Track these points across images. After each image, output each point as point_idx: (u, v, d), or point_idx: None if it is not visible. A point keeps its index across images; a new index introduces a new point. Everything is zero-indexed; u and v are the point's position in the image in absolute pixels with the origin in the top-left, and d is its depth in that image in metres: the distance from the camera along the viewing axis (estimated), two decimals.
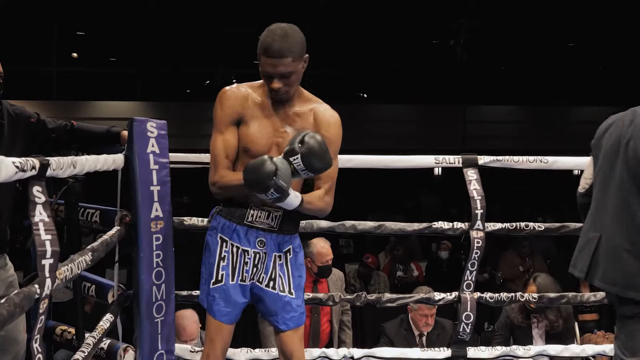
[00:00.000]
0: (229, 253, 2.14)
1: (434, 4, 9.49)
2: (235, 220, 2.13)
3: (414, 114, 11.49)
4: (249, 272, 2.15)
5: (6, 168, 1.34)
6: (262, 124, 2.10)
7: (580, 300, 2.87)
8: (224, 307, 2.15)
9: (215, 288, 2.15)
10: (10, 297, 1.43)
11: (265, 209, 2.13)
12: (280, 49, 2.01)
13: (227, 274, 2.14)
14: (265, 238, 2.14)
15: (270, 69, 2.03)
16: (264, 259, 2.16)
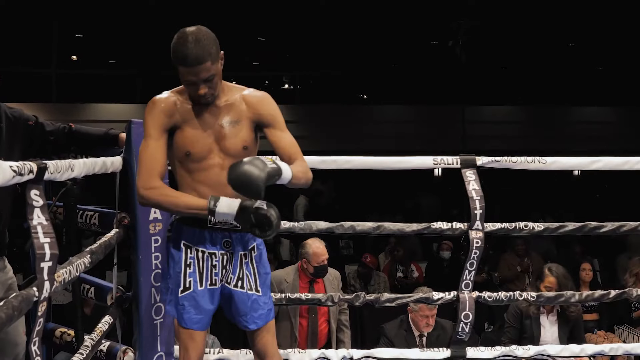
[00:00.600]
0: (194, 259, 2.11)
1: (433, 4, 9.50)
2: (198, 225, 2.11)
3: (413, 114, 11.49)
4: (219, 275, 2.13)
5: (3, 172, 1.34)
6: (197, 125, 2.09)
7: (579, 299, 2.87)
8: (194, 314, 2.12)
9: (184, 296, 2.12)
10: (9, 300, 1.43)
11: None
12: (196, 57, 2.00)
13: (194, 280, 2.11)
14: (230, 238, 2.13)
15: (193, 77, 2.02)
16: (231, 260, 2.14)
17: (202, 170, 2.09)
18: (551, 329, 3.71)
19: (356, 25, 10.29)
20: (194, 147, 2.08)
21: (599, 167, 2.76)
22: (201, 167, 2.09)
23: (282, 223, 2.65)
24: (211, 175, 2.09)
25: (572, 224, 2.76)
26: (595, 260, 6.63)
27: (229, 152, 2.10)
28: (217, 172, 2.09)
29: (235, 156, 2.08)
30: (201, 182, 2.10)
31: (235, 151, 2.10)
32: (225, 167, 2.07)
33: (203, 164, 2.09)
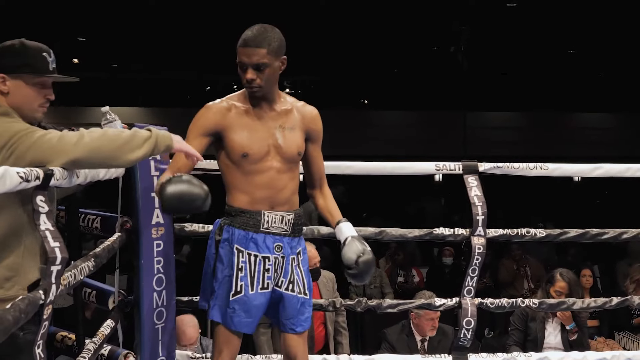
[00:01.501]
0: (246, 263, 2.14)
1: (434, 10, 9.51)
2: (251, 228, 2.14)
3: (414, 119, 11.51)
4: (272, 278, 2.16)
5: (10, 178, 1.35)
6: (253, 128, 2.13)
7: (581, 306, 2.87)
8: (245, 317, 2.14)
9: (236, 300, 2.14)
10: (16, 303, 1.44)
11: (278, 214, 2.16)
12: (254, 39, 2.07)
13: (246, 284, 2.14)
14: (281, 242, 2.17)
15: (246, 59, 2.07)
16: (282, 263, 2.17)
17: (259, 173, 2.13)
18: (555, 333, 3.71)
19: (358, 30, 10.31)
20: (252, 149, 2.12)
21: (600, 174, 2.77)
22: (258, 169, 2.13)
23: None
24: (268, 178, 2.14)
25: (573, 231, 2.77)
26: (596, 266, 6.63)
27: (285, 156, 2.15)
28: (273, 176, 2.14)
29: (291, 161, 2.16)
30: (257, 185, 2.14)
31: (291, 155, 2.17)
32: (281, 171, 2.15)
33: (260, 165, 2.13)
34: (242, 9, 8.29)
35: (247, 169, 2.13)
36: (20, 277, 1.70)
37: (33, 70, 1.79)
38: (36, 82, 1.79)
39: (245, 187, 2.14)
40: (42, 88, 1.81)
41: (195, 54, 10.39)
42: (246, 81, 2.10)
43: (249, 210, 2.14)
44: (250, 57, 2.07)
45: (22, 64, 1.77)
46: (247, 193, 2.14)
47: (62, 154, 1.66)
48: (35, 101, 1.81)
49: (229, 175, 2.17)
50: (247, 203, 2.14)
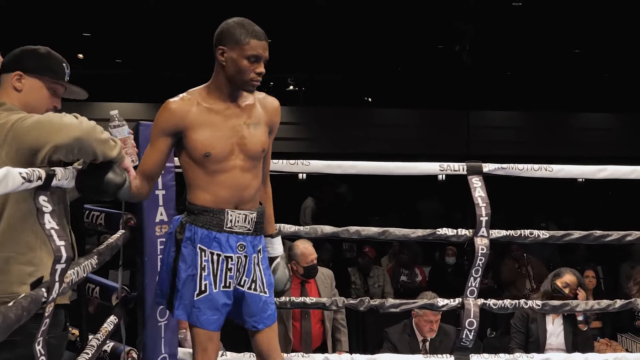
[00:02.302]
0: (208, 262, 2.10)
1: (439, 9, 9.49)
2: (214, 227, 2.10)
3: (418, 118, 11.49)
4: (234, 277, 2.14)
5: (13, 179, 1.35)
6: (216, 127, 2.09)
7: (584, 308, 2.87)
8: (211, 315, 2.12)
9: (201, 299, 2.11)
10: (18, 301, 1.44)
11: (242, 213, 2.12)
12: (264, 33, 2.07)
13: (209, 282, 2.11)
14: (244, 241, 2.14)
15: (262, 52, 2.06)
16: (245, 263, 2.15)
17: (223, 172, 2.10)
18: (557, 334, 3.70)
19: (362, 28, 10.29)
20: (214, 148, 2.07)
21: (605, 176, 2.76)
22: (222, 168, 2.09)
23: (288, 227, 2.67)
24: (232, 177, 2.10)
25: (577, 232, 2.76)
26: (599, 267, 6.62)
27: (250, 154, 2.12)
28: (237, 175, 2.11)
29: (255, 158, 2.13)
30: (220, 184, 2.10)
31: (256, 153, 2.13)
32: (245, 170, 2.11)
33: (224, 165, 2.09)
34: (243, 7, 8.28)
35: (210, 168, 2.09)
36: (40, 271, 1.72)
37: (52, 75, 1.89)
38: (52, 86, 1.89)
39: (208, 186, 2.10)
40: (54, 95, 1.91)
41: (198, 51, 10.39)
42: (256, 74, 2.07)
43: (213, 209, 2.09)
44: (265, 51, 2.07)
45: (43, 67, 1.88)
46: (210, 192, 2.10)
47: (65, 130, 1.68)
48: (45, 105, 1.88)
49: (191, 174, 2.12)
50: (211, 202, 2.10)
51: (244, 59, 2.05)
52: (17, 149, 1.69)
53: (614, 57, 10.70)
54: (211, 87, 2.12)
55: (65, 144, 1.67)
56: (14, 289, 1.70)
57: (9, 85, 1.85)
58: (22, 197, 1.70)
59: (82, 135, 1.70)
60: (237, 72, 2.06)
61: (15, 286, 1.72)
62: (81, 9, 9.23)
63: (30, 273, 1.73)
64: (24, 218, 1.73)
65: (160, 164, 2.13)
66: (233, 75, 2.07)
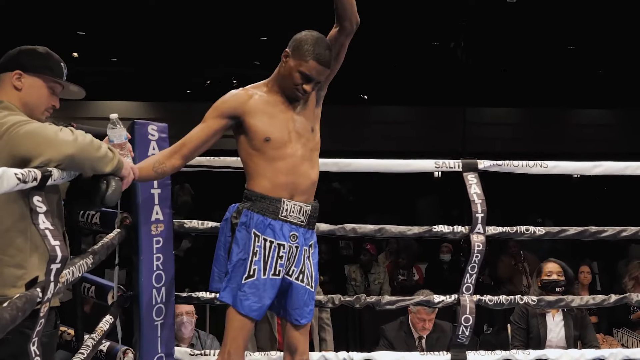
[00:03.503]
0: (260, 248, 2.17)
1: (434, 5, 9.49)
2: (270, 214, 2.17)
3: (414, 115, 11.49)
4: (284, 266, 2.19)
5: (8, 179, 1.35)
6: (273, 114, 2.20)
7: (579, 303, 2.88)
8: (254, 302, 2.16)
9: (247, 283, 2.16)
10: (13, 301, 1.44)
11: (297, 204, 2.19)
12: (329, 60, 2.18)
13: (259, 268, 2.16)
14: (297, 232, 2.20)
15: (316, 75, 2.17)
16: (296, 253, 2.21)
17: (282, 159, 2.18)
18: (557, 329, 3.68)
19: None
20: (273, 133, 2.17)
21: (600, 172, 2.77)
22: (281, 155, 2.18)
23: None
24: (290, 165, 2.18)
25: (573, 229, 2.77)
26: (594, 262, 6.63)
27: (304, 141, 2.21)
28: (296, 162, 2.19)
29: (311, 147, 2.23)
30: (279, 171, 2.18)
31: (309, 138, 2.23)
32: (304, 158, 2.20)
33: (283, 152, 2.18)
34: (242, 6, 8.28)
35: (269, 154, 2.17)
36: (30, 274, 1.72)
37: (51, 73, 1.91)
38: (51, 85, 1.91)
39: (268, 173, 2.18)
40: (52, 94, 1.93)
41: (195, 49, 10.37)
42: (303, 91, 2.18)
43: (270, 196, 2.17)
44: (320, 75, 2.18)
45: (43, 66, 1.90)
46: (269, 179, 2.18)
47: (58, 146, 1.69)
48: (44, 104, 1.90)
49: (251, 162, 2.21)
50: (268, 189, 2.18)
51: (298, 72, 2.16)
52: (8, 154, 1.69)
53: (609, 53, 10.71)
54: (271, 81, 2.25)
55: (56, 160, 1.68)
56: (4, 292, 1.71)
57: (8, 84, 1.86)
58: (12, 199, 1.70)
59: (75, 153, 1.71)
60: (286, 79, 2.18)
61: (5, 289, 1.73)
62: (75, 8, 9.20)
63: (20, 276, 1.74)
64: (14, 221, 1.74)
65: (203, 141, 2.20)
66: (282, 78, 2.20)
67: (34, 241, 1.75)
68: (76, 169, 1.75)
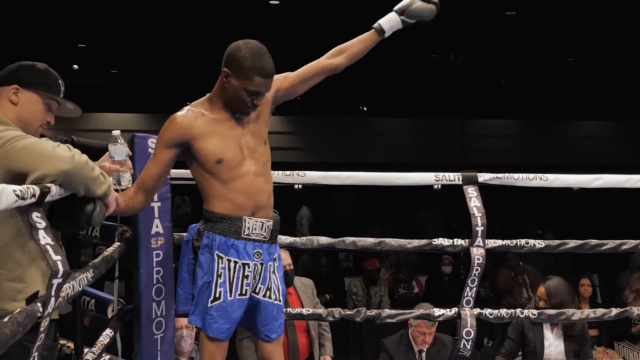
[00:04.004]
0: (225, 269, 2.13)
1: (433, 18, 9.53)
2: (232, 235, 2.13)
3: (413, 127, 11.51)
4: (250, 285, 2.16)
5: (7, 196, 1.35)
6: (224, 134, 2.14)
7: (580, 317, 2.87)
8: (223, 324, 2.15)
9: (214, 306, 2.14)
10: (14, 316, 1.43)
11: (259, 220, 2.15)
12: (272, 70, 2.11)
13: (225, 290, 2.13)
14: (260, 249, 2.17)
15: (263, 89, 2.11)
16: (261, 270, 2.18)
17: (237, 179, 2.13)
18: (556, 343, 3.65)
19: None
20: (225, 154, 2.12)
21: (600, 185, 2.77)
22: (235, 175, 2.13)
23: (284, 238, 2.66)
24: (246, 183, 2.14)
25: (572, 242, 2.77)
26: (595, 275, 6.62)
27: (257, 156, 2.16)
28: (251, 179, 2.15)
29: (263, 162, 2.17)
30: (236, 191, 2.14)
31: (261, 153, 2.18)
32: (258, 174, 2.15)
33: (237, 171, 2.13)
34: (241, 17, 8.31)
35: (224, 176, 2.13)
36: (30, 287, 1.72)
37: (49, 90, 1.91)
38: (47, 101, 1.91)
39: (225, 194, 2.14)
40: (48, 110, 1.93)
41: (195, 61, 10.40)
42: (252, 105, 2.11)
43: (231, 216, 2.13)
44: (267, 87, 2.12)
45: (40, 82, 1.90)
46: (227, 200, 2.14)
47: (54, 162, 1.68)
48: (40, 119, 1.90)
49: (207, 185, 2.16)
50: (228, 209, 2.13)
51: (245, 92, 2.09)
52: (5, 168, 1.69)
53: (608, 65, 10.75)
54: (214, 98, 2.17)
55: (53, 175, 1.67)
56: (4, 306, 1.71)
57: (4, 98, 1.87)
58: (10, 214, 1.70)
59: (71, 169, 1.70)
60: (235, 99, 2.12)
61: (5, 303, 1.73)
62: (76, 20, 9.24)
63: (20, 290, 1.74)
64: (12, 235, 1.74)
65: (159, 175, 2.16)
66: (230, 99, 2.13)
67: (32, 255, 1.76)
68: (70, 187, 1.74)
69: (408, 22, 2.38)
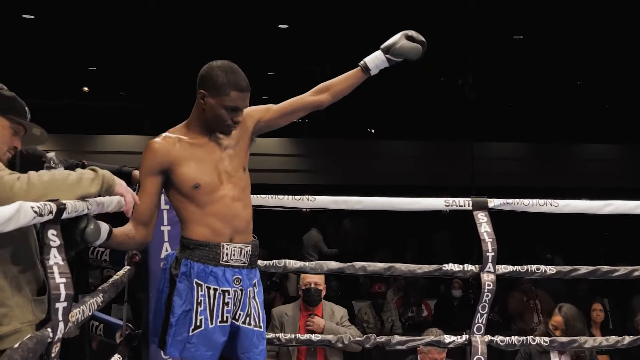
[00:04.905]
0: (205, 297, 2.09)
1: (441, 41, 9.58)
2: (211, 262, 2.10)
3: (422, 150, 11.52)
4: (230, 312, 2.13)
5: (25, 213, 1.36)
6: (202, 158, 2.12)
7: (592, 345, 2.84)
8: (205, 351, 2.10)
9: (195, 334, 2.09)
10: (24, 342, 1.43)
11: (237, 246, 2.13)
12: (247, 84, 2.11)
13: (205, 317, 2.10)
14: (240, 275, 2.14)
15: (241, 103, 2.10)
16: (241, 296, 2.14)
17: (214, 203, 2.11)
18: None
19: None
20: (202, 179, 2.10)
21: (611, 211, 2.75)
22: (212, 199, 2.11)
23: (294, 263, 2.65)
24: (223, 207, 2.11)
25: (584, 268, 2.74)
26: (606, 299, 6.55)
27: (235, 180, 2.14)
28: (228, 204, 2.12)
29: (242, 186, 2.15)
30: (213, 216, 2.11)
31: (240, 178, 2.15)
32: (235, 199, 2.12)
33: (214, 195, 2.11)
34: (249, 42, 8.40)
35: (201, 200, 2.10)
36: (15, 311, 1.71)
37: (18, 115, 1.92)
38: (14, 126, 1.91)
39: (202, 219, 2.11)
40: (15, 135, 1.92)
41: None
42: (233, 122, 2.10)
43: (208, 242, 2.10)
44: (245, 101, 2.10)
45: (9, 108, 1.91)
46: (204, 225, 2.11)
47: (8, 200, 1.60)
48: (7, 143, 1.90)
49: (183, 209, 2.14)
50: (206, 235, 2.10)
51: (223, 108, 2.08)
52: None
53: (615, 88, 10.77)
54: (191, 122, 2.16)
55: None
56: None
57: None
58: None
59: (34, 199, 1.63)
60: (215, 118, 2.10)
61: None
62: (87, 43, 9.35)
63: (3, 314, 1.70)
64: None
65: (151, 206, 2.13)
66: (210, 120, 2.12)
67: (11, 278, 1.72)
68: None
69: (394, 61, 2.34)
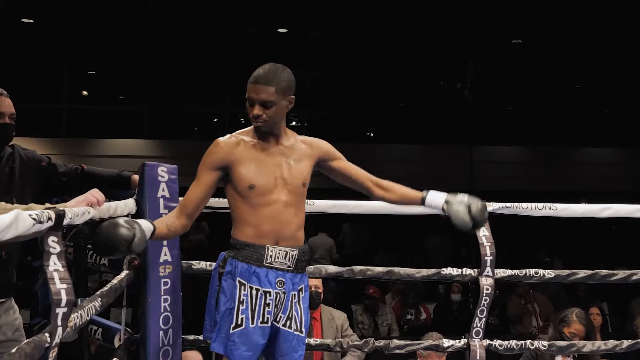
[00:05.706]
0: (247, 296, 2.14)
1: (440, 45, 9.60)
2: (254, 262, 2.15)
3: (421, 153, 11.52)
4: (271, 313, 2.16)
5: (23, 221, 1.36)
6: (260, 161, 2.18)
7: (591, 349, 2.84)
8: (245, 351, 2.13)
9: (236, 332, 2.14)
10: (22, 347, 1.43)
11: (282, 249, 2.17)
12: (265, 77, 2.14)
13: (246, 317, 2.14)
14: (284, 278, 2.17)
15: (253, 94, 2.14)
16: (283, 299, 2.18)
17: (266, 205, 2.16)
18: None
19: (364, 64, 10.40)
20: (258, 180, 2.15)
21: (609, 215, 2.76)
22: (265, 201, 2.15)
23: None
24: (274, 211, 2.16)
25: (582, 272, 2.75)
26: (604, 304, 6.55)
27: (291, 188, 2.19)
28: (280, 209, 2.16)
29: (297, 193, 2.20)
30: (263, 218, 2.15)
31: (296, 186, 2.20)
32: (288, 205, 2.17)
33: (267, 198, 2.15)
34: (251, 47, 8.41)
35: (254, 201, 2.15)
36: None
37: None
38: None
39: (252, 220, 2.16)
40: None
41: (203, 87, 10.50)
42: (252, 116, 2.16)
43: (254, 244, 2.15)
44: (258, 94, 2.13)
45: None
46: (253, 226, 2.16)
47: None
48: None
49: (237, 209, 2.19)
50: (252, 237, 2.16)
51: (246, 102, 2.17)
52: None
53: (615, 92, 10.79)
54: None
55: None
56: None
57: None
58: None
59: None
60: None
61: None
62: (85, 47, 9.37)
63: None
64: None
65: (201, 198, 2.18)
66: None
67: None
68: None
69: (443, 214, 2.35)
